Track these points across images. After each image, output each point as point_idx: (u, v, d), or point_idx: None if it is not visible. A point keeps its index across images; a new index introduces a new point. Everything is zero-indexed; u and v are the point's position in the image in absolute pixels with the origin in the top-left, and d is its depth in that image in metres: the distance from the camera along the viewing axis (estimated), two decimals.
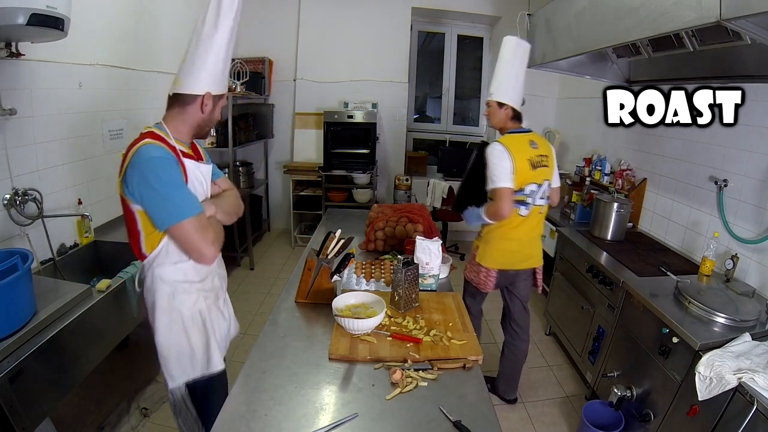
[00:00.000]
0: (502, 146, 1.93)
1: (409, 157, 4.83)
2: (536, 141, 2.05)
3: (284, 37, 4.46)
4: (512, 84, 2.10)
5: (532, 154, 1.98)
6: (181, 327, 1.31)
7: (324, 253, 1.60)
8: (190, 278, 1.31)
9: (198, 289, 1.33)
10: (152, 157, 1.14)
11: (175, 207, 1.16)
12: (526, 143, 2.01)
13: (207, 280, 1.37)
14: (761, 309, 1.70)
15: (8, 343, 1.29)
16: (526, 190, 1.96)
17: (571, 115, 4.30)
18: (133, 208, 1.19)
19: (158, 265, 1.26)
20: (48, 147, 1.96)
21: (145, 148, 1.15)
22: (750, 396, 1.31)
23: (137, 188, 1.15)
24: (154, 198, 1.15)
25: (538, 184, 1.99)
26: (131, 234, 1.25)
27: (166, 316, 1.30)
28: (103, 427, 1.98)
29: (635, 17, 1.71)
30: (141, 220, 1.20)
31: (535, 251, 2.13)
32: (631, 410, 1.90)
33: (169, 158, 1.18)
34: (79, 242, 2.15)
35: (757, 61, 1.86)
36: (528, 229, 2.05)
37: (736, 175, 2.12)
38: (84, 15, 2.02)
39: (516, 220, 2.00)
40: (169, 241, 1.23)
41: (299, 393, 1.13)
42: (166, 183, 1.15)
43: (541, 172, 2.00)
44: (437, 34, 4.94)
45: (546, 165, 2.03)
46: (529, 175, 1.95)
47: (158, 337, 1.32)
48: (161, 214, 1.16)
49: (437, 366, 1.25)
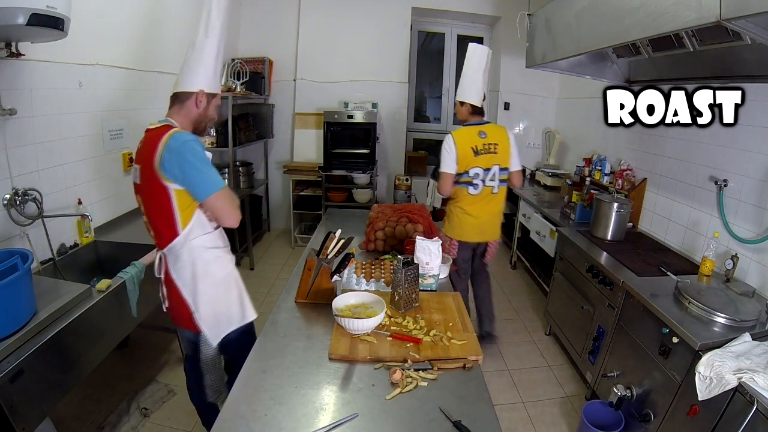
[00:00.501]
0: (451, 138, 2.32)
1: (409, 157, 4.83)
2: (486, 131, 2.36)
3: (284, 37, 4.46)
4: (472, 85, 2.44)
5: (478, 143, 2.32)
6: (219, 288, 1.52)
7: (324, 253, 1.60)
8: (218, 244, 1.51)
9: (225, 252, 1.55)
10: (187, 140, 1.33)
11: (211, 180, 1.34)
12: (475, 134, 2.34)
13: (228, 246, 1.58)
14: (761, 309, 1.70)
15: (8, 343, 1.29)
16: (471, 173, 2.33)
17: (571, 115, 4.30)
18: (170, 189, 1.34)
19: (193, 238, 1.42)
20: (48, 147, 1.96)
21: (179, 134, 1.34)
22: (750, 396, 1.31)
23: (178, 168, 1.31)
24: (195, 174, 1.32)
25: (485, 168, 2.33)
26: (163, 216, 1.38)
27: (203, 282, 1.47)
28: (103, 427, 1.98)
29: (635, 17, 1.71)
30: (176, 199, 1.35)
31: (491, 228, 2.48)
32: (631, 410, 1.90)
33: (198, 140, 1.37)
34: (79, 242, 2.15)
35: (757, 61, 1.86)
36: (483, 207, 2.40)
37: (736, 175, 2.12)
38: (84, 15, 2.02)
39: (469, 199, 2.37)
40: (199, 215, 1.41)
41: (299, 393, 1.13)
42: (202, 160, 1.33)
43: (488, 158, 2.33)
44: (437, 34, 4.94)
45: (494, 152, 2.34)
46: (472, 161, 2.31)
47: (200, 304, 1.47)
48: (202, 186, 1.34)
49: (437, 366, 1.25)
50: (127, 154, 2.57)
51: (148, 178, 1.36)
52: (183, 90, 1.44)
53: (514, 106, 4.68)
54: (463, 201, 2.38)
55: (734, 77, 1.99)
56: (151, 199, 1.40)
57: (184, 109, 1.45)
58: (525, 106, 4.69)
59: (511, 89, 4.61)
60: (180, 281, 1.46)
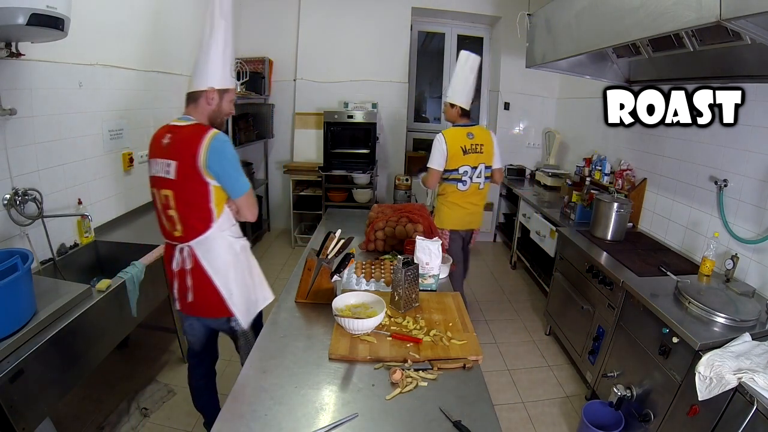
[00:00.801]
0: (442, 137, 2.49)
1: (409, 157, 4.83)
2: (474, 133, 2.55)
3: (284, 37, 4.46)
4: (462, 89, 2.61)
5: (467, 143, 2.50)
6: (246, 272, 1.64)
7: (324, 253, 1.60)
8: (239, 234, 1.63)
9: (245, 241, 1.66)
10: (227, 141, 1.45)
11: (245, 180, 1.50)
12: (464, 134, 2.53)
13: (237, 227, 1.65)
14: (761, 309, 1.70)
15: (8, 343, 1.29)
16: (460, 171, 2.51)
17: (571, 115, 4.30)
18: (211, 185, 1.44)
19: (224, 229, 1.54)
20: (48, 147, 1.96)
21: (220, 135, 1.45)
22: (750, 396, 1.31)
23: (220, 166, 1.42)
24: (233, 173, 1.46)
25: (472, 167, 2.53)
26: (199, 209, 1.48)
27: (235, 269, 1.58)
28: (103, 427, 1.98)
29: (635, 17, 1.71)
30: (214, 194, 1.46)
31: (476, 218, 2.73)
32: (631, 410, 1.90)
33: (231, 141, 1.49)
34: (79, 242, 2.15)
35: (757, 61, 1.86)
36: (470, 202, 2.62)
37: (736, 175, 2.12)
38: (84, 15, 2.02)
39: (457, 194, 2.57)
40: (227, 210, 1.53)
41: (299, 393, 1.13)
42: (237, 161, 1.49)
43: (475, 157, 2.53)
44: (437, 34, 4.94)
45: (480, 152, 2.54)
46: (461, 159, 2.49)
47: (233, 289, 1.57)
48: (237, 185, 1.48)
49: (437, 366, 1.25)
50: (127, 154, 2.57)
51: (186, 174, 1.42)
52: (194, 89, 1.52)
53: (514, 106, 4.68)
54: (453, 196, 2.60)
55: (734, 77, 1.99)
56: (187, 193, 1.46)
57: (199, 107, 1.53)
58: (525, 106, 4.69)
59: (511, 89, 4.61)
60: (212, 270, 1.53)
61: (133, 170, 2.66)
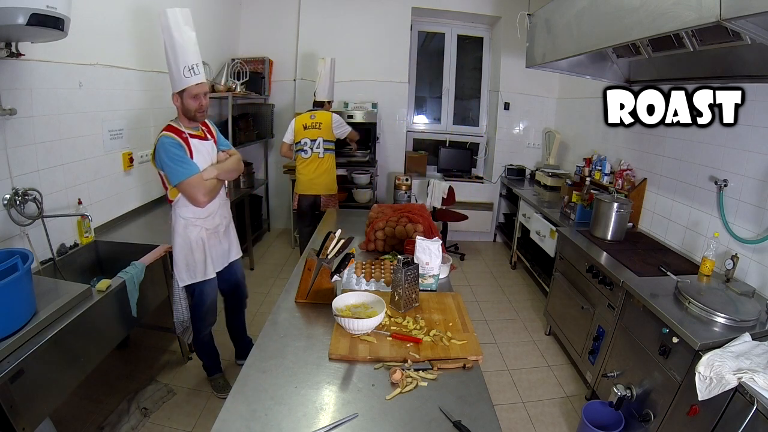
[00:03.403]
0: (294, 119, 3.44)
1: (409, 157, 4.83)
2: (316, 115, 3.38)
3: (284, 37, 4.46)
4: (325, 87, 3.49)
5: (308, 122, 3.35)
6: (189, 247, 1.98)
7: (324, 253, 1.60)
8: (197, 215, 1.96)
9: (201, 223, 1.99)
10: (163, 142, 1.81)
11: (176, 173, 1.80)
12: (308, 116, 3.38)
13: (209, 219, 2.01)
14: (761, 309, 1.70)
15: (8, 343, 1.29)
16: (302, 142, 3.35)
17: (571, 115, 4.30)
18: (161, 173, 1.87)
19: (178, 207, 1.95)
20: (48, 147, 1.96)
21: (161, 137, 1.82)
22: (750, 396, 1.31)
23: (159, 161, 1.83)
24: (165, 168, 1.81)
25: (312, 139, 3.34)
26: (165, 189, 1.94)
27: (180, 238, 1.97)
28: (103, 427, 1.98)
29: (635, 17, 1.71)
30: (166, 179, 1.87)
31: (320, 185, 3.42)
32: (631, 410, 1.90)
33: (173, 142, 1.82)
34: (79, 242, 2.15)
35: (757, 61, 1.86)
36: (313, 169, 3.39)
37: (736, 175, 2.12)
38: (84, 15, 2.03)
39: (302, 162, 3.39)
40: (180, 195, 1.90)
41: (299, 393, 1.13)
42: (171, 158, 1.80)
43: (313, 132, 3.34)
44: (437, 34, 4.94)
45: (318, 128, 3.34)
46: (302, 133, 3.35)
47: (174, 253, 2.01)
48: (170, 177, 1.83)
49: (437, 366, 1.25)
50: (127, 154, 2.57)
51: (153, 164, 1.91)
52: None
53: (514, 106, 4.68)
54: (299, 164, 3.41)
55: (734, 77, 1.99)
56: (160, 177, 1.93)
57: (177, 109, 1.91)
58: (525, 106, 4.69)
59: (511, 89, 4.61)
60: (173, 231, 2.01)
61: (133, 170, 2.66)
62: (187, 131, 1.89)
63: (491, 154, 4.88)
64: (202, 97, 1.88)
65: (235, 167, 2.08)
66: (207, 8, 3.63)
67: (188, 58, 1.82)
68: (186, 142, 1.86)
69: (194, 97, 1.85)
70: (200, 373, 2.39)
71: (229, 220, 2.18)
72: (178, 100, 1.86)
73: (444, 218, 4.28)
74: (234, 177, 2.18)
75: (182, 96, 1.85)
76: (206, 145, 1.97)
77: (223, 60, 3.85)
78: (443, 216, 4.27)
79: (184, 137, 1.86)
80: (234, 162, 2.08)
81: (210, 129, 2.05)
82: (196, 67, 1.84)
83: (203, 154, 1.93)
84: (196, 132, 1.94)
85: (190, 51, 1.83)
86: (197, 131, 1.95)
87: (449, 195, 4.22)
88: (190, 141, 1.88)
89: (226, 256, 2.18)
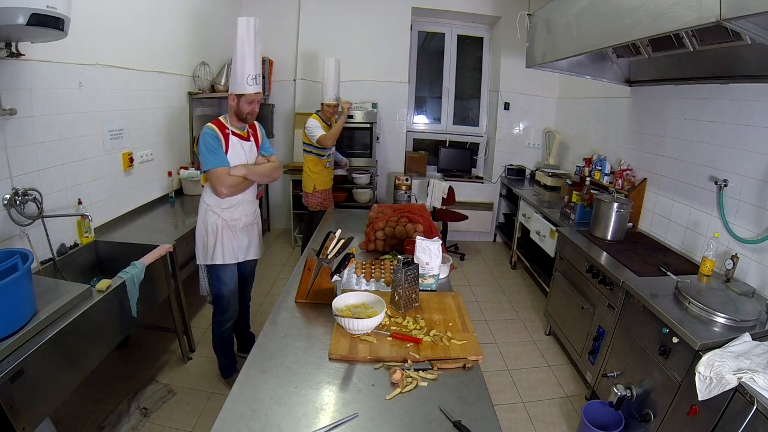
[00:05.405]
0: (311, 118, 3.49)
1: (409, 157, 4.83)
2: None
3: (284, 37, 4.46)
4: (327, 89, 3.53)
5: None
6: (205, 230, 2.09)
7: (324, 253, 1.60)
8: (218, 204, 2.07)
9: (219, 212, 2.08)
10: (204, 132, 1.96)
11: (207, 161, 1.95)
12: None
13: (227, 211, 2.09)
14: (761, 309, 1.70)
15: (8, 343, 1.29)
16: None
17: (571, 115, 4.30)
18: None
19: (204, 193, 2.10)
20: (48, 147, 1.96)
21: (205, 128, 1.98)
22: (750, 396, 1.31)
23: (198, 147, 1.99)
24: (200, 154, 1.97)
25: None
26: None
27: (200, 221, 2.11)
28: (103, 427, 1.98)
29: (635, 17, 1.71)
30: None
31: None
32: (631, 410, 1.90)
33: (213, 133, 1.96)
34: (79, 242, 2.15)
35: (757, 61, 1.86)
36: None
37: (736, 175, 2.12)
38: (84, 15, 2.03)
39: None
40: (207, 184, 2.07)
41: (299, 393, 1.13)
42: (207, 146, 1.95)
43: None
44: (437, 34, 4.94)
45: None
46: None
47: (197, 234, 2.14)
48: (202, 164, 1.98)
49: (437, 366, 1.25)
50: (127, 154, 2.57)
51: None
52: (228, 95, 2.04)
53: (514, 106, 4.68)
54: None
55: (734, 77, 1.99)
56: None
57: (230, 108, 2.03)
58: (525, 106, 4.69)
59: (511, 89, 4.61)
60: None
61: (133, 170, 2.66)
62: (232, 129, 2.01)
63: (491, 154, 4.88)
64: (255, 103, 2.03)
65: (267, 173, 2.15)
66: (207, 8, 3.63)
67: (253, 68, 2.00)
68: (226, 137, 1.99)
69: (250, 102, 2.00)
70: (200, 373, 2.39)
71: (253, 219, 2.23)
72: (234, 101, 1.98)
73: (444, 218, 4.28)
74: (265, 182, 2.41)
75: (239, 99, 1.98)
76: (245, 145, 2.07)
77: (224, 60, 3.85)
78: (443, 216, 4.28)
79: (226, 133, 1.99)
80: (267, 168, 2.16)
81: (256, 132, 2.17)
82: (258, 77, 2.02)
83: (239, 153, 2.04)
84: (240, 131, 2.05)
85: (256, 62, 2.01)
86: (242, 131, 2.06)
87: (449, 195, 4.22)
88: (231, 138, 2.00)
89: (243, 252, 2.20)
